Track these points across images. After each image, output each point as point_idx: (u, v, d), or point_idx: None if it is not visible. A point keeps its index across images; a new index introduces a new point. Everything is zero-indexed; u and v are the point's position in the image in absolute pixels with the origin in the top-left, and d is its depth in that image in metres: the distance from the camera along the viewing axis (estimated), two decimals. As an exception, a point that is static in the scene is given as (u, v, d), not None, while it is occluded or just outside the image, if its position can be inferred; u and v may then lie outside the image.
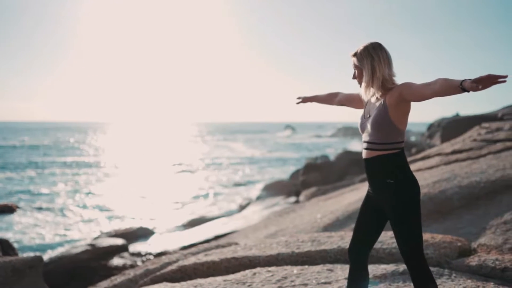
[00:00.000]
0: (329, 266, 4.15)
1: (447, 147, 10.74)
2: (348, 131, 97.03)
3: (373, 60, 2.50)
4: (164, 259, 5.13)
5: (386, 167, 2.48)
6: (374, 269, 3.93)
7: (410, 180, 2.49)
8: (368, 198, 2.67)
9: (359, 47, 2.59)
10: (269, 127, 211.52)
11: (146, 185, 29.79)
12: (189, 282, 4.00)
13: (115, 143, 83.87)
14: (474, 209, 6.62)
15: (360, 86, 2.63)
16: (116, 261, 12.35)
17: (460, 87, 2.05)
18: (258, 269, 4.14)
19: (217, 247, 5.36)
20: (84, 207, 22.72)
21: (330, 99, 3.10)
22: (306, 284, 3.74)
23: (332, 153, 40.77)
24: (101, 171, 39.20)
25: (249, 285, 3.81)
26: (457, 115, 32.52)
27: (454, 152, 9.62)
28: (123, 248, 13.08)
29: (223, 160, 48.88)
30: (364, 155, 2.60)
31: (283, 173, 36.16)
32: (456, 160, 8.88)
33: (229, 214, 19.27)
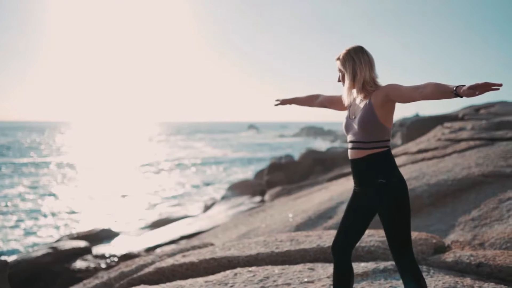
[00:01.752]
0: (310, 265, 4.14)
1: (413, 146, 11.01)
2: (311, 131, 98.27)
3: (354, 63, 2.56)
4: (139, 261, 4.98)
5: (376, 166, 2.51)
6: (354, 268, 3.94)
7: (401, 180, 2.53)
8: (355, 197, 2.66)
9: (342, 51, 2.64)
10: (232, 126, 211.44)
11: (109, 186, 29.10)
12: (169, 284, 3.89)
13: (77, 142, 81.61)
14: (443, 206, 6.80)
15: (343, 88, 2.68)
16: (79, 264, 11.99)
17: (454, 92, 2.10)
18: (238, 270, 4.08)
19: (194, 248, 5.26)
20: (44, 209, 21.94)
21: (310, 101, 3.14)
22: (289, 284, 3.71)
23: (296, 152, 41.13)
24: (62, 171, 38.02)
25: (231, 286, 3.74)
26: (417, 115, 33.48)
27: (420, 151, 9.87)
28: (86, 251, 12.73)
29: (187, 160, 48.43)
30: (351, 155, 2.62)
31: (247, 173, 36.18)
32: (423, 159, 9.10)
33: (194, 214, 19.13)
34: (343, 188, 9.44)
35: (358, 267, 3.97)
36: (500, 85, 2.00)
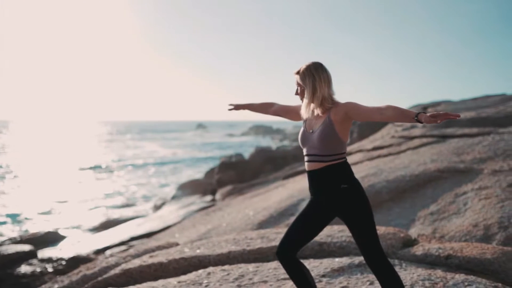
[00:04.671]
0: (283, 262, 4.07)
1: (367, 143, 11.25)
2: (260, 130, 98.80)
3: (314, 79, 2.65)
4: (101, 263, 4.72)
5: (337, 175, 2.63)
6: (330, 263, 3.93)
7: (359, 183, 2.68)
8: (312, 206, 2.73)
9: (302, 66, 2.73)
10: (180, 125, 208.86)
11: (53, 188, 27.82)
12: (139, 286, 3.70)
13: (18, 142, 77.43)
14: (402, 202, 6.97)
15: (302, 102, 2.78)
16: (24, 268, 11.42)
17: (415, 119, 2.30)
18: (211, 269, 3.96)
19: (158, 248, 5.06)
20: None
21: (264, 108, 3.22)
22: (265, 281, 3.63)
23: (246, 151, 41.17)
24: (1, 172, 35.91)
25: (206, 286, 3.61)
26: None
27: (375, 148, 10.09)
28: (31, 255, 12.16)
29: (136, 160, 47.24)
30: (310, 167, 2.70)
31: (197, 172, 35.77)
32: (379, 156, 9.31)
33: (143, 215, 18.70)
34: (301, 185, 9.49)
35: (333, 262, 3.95)
36: (458, 116, 2.23)
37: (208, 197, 19.03)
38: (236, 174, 22.66)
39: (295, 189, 9.07)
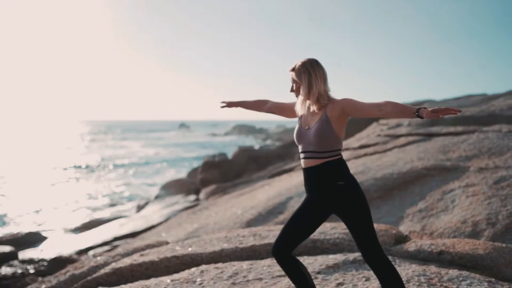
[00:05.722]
0: (277, 259, 4.03)
1: (354, 142, 11.30)
2: (243, 129, 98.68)
3: (310, 76, 2.63)
4: (89, 262, 4.61)
5: (333, 172, 2.60)
6: (325, 260, 3.91)
7: (355, 180, 2.66)
8: (308, 203, 2.70)
9: (297, 62, 2.71)
10: (163, 125, 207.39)
11: (35, 188, 27.31)
12: (131, 285, 3.62)
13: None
14: (390, 199, 7.00)
15: (297, 99, 2.75)
16: (5, 270, 11.16)
17: (416, 114, 2.29)
18: (204, 267, 3.89)
19: (148, 246, 4.97)
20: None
21: (258, 106, 3.19)
22: (260, 279, 3.59)
23: (229, 151, 41.02)
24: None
25: (199, 284, 3.55)
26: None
27: (361, 146, 10.13)
28: (11, 256, 11.92)
29: (118, 160, 46.70)
30: (306, 164, 2.67)
31: (180, 171, 35.50)
32: (365, 154, 9.35)
33: (126, 214, 18.51)
34: (288, 183, 9.48)
35: (328, 259, 3.93)
36: (460, 111, 2.23)
37: (192, 197, 18.92)
38: (219, 174, 22.60)
39: (282, 188, 9.05)
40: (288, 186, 8.97)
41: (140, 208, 19.52)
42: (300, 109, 2.72)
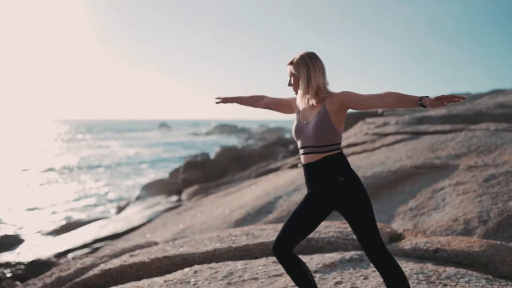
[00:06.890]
0: (272, 258, 3.95)
1: (340, 141, 11.25)
2: (225, 129, 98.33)
3: (308, 69, 2.59)
4: (76, 263, 4.44)
5: (334, 167, 2.55)
6: (321, 259, 3.82)
7: (356, 175, 2.61)
8: (309, 200, 2.63)
9: (296, 56, 2.67)
10: (142, 125, 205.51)
11: (12, 190, 26.63)
12: (122, 286, 3.46)
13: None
14: (380, 198, 6.96)
15: (296, 93, 2.71)
16: (-20, 273, 10.77)
17: (419, 103, 2.24)
18: (198, 267, 3.77)
19: (137, 247, 4.81)
20: None
21: (254, 101, 3.12)
22: (256, 279, 3.48)
23: (211, 150, 40.79)
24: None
25: (194, 284, 3.42)
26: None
27: (349, 145, 10.10)
28: (-14, 259, 11.54)
29: (98, 161, 45.97)
30: (306, 160, 2.61)
31: (162, 172, 35.08)
32: (353, 153, 9.32)
33: (106, 216, 18.19)
34: (276, 183, 9.39)
35: (324, 258, 3.85)
36: (464, 98, 2.18)
37: (174, 198, 18.66)
38: (202, 174, 22.35)
39: (270, 187, 8.95)
40: (276, 186, 8.88)
41: (120, 209, 19.21)
42: (300, 103, 2.67)
